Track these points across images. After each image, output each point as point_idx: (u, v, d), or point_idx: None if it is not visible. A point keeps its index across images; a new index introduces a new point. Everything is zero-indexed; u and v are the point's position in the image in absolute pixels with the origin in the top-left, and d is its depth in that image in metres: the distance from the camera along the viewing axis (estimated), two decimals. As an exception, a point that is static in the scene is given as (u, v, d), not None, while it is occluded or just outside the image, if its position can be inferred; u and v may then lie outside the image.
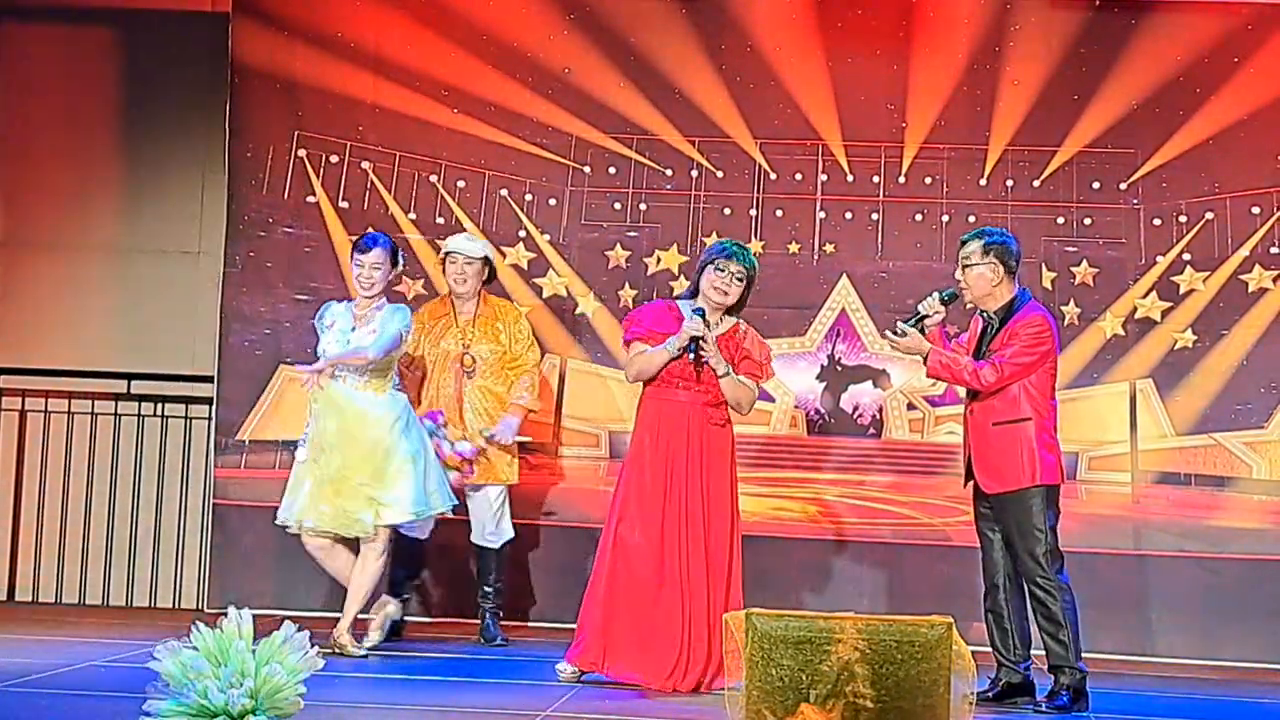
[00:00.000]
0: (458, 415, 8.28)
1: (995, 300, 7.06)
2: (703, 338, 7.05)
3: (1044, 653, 6.94)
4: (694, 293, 7.28)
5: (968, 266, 7.09)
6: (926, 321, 7.07)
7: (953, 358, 7.01)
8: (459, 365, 8.31)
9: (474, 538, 8.46)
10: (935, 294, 7.12)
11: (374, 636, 7.83)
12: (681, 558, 6.99)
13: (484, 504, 8.37)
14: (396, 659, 7.68)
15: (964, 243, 7.17)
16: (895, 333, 7.09)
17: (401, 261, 7.99)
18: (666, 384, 7.14)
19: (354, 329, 7.69)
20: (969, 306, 7.21)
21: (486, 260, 8.42)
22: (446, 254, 8.47)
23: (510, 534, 8.43)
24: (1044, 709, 6.83)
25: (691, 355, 7.07)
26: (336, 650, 7.50)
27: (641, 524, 7.01)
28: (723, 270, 7.16)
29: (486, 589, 8.43)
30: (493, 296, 8.55)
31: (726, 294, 7.17)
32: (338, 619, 7.74)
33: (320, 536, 7.73)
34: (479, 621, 8.43)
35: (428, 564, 9.21)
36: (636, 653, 6.94)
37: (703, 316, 7.11)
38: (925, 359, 7.02)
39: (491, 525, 8.38)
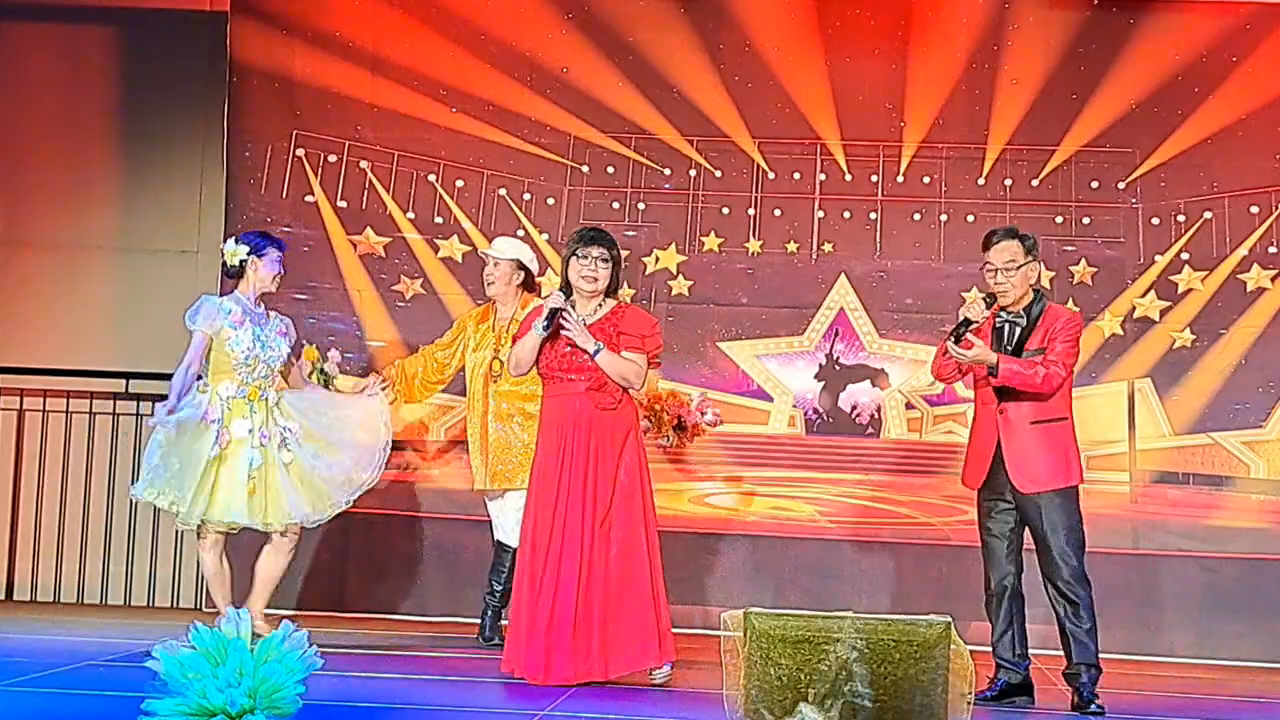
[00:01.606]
0: (482, 420, 8.25)
1: (1024, 298, 7.02)
2: (562, 310, 6.99)
3: (1064, 652, 6.94)
4: (567, 290, 7.17)
5: (1018, 266, 6.95)
6: (971, 327, 6.95)
7: (1022, 363, 6.88)
8: (487, 370, 8.28)
9: (498, 535, 8.42)
10: (978, 298, 6.97)
11: None
12: (573, 544, 6.94)
13: (510, 506, 8.32)
14: (394, 658, 7.68)
15: (995, 242, 7.00)
16: (956, 344, 6.87)
17: None
18: (554, 380, 7.09)
19: (261, 327, 7.76)
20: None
21: (519, 264, 8.36)
22: (483, 255, 8.51)
23: None
24: (1095, 709, 6.80)
25: (545, 330, 7.01)
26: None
27: (546, 520, 6.99)
28: (585, 257, 7.10)
29: (496, 586, 8.37)
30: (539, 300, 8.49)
31: (595, 279, 7.10)
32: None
33: (223, 534, 7.75)
34: (480, 620, 8.40)
35: (429, 565, 9.24)
36: (558, 650, 6.94)
37: (567, 296, 7.07)
38: (995, 369, 6.86)
39: (512, 524, 8.33)
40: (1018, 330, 6.97)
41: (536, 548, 6.99)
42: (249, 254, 7.77)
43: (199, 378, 7.70)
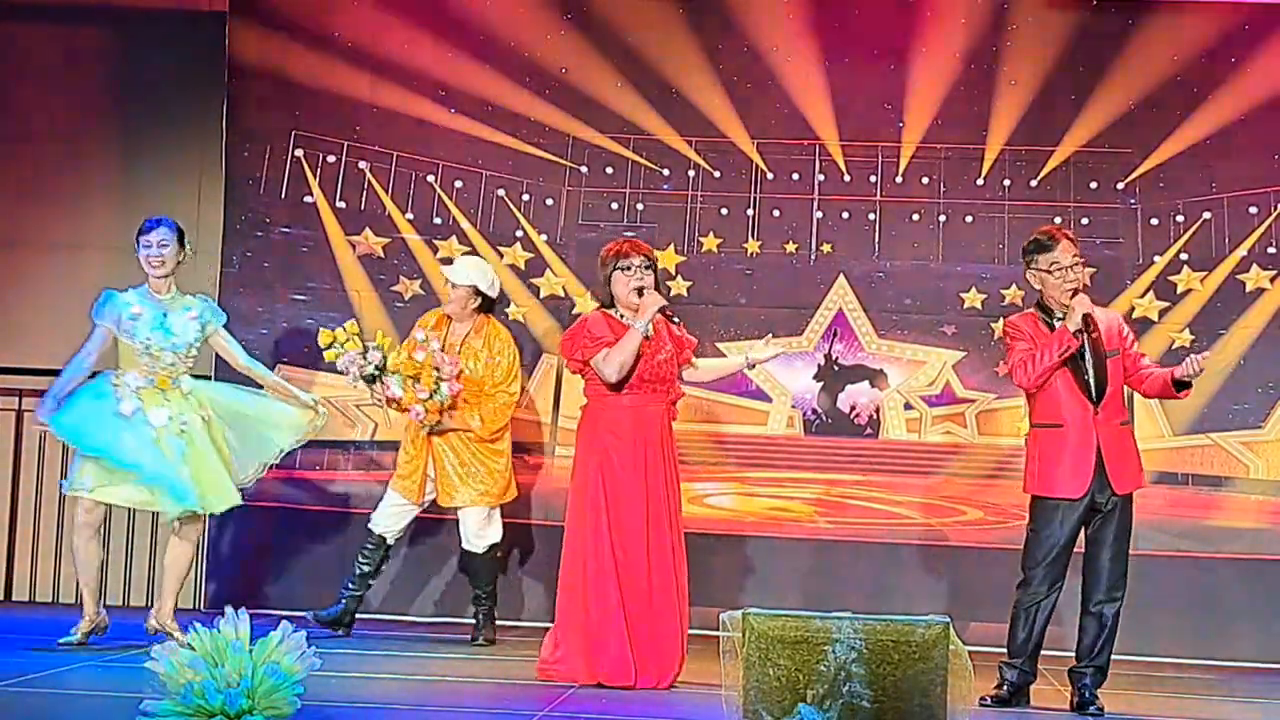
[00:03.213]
0: (417, 431, 8.29)
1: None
2: (667, 307, 7.13)
3: (1076, 650, 7.01)
4: (610, 303, 7.20)
5: (1082, 264, 7.01)
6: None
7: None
8: None
9: (465, 545, 8.49)
10: (1082, 295, 6.94)
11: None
12: (663, 554, 7.03)
13: (467, 518, 8.39)
14: (393, 658, 7.68)
15: (1060, 241, 7.00)
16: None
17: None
18: (640, 388, 7.10)
19: (166, 314, 7.68)
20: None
21: (476, 290, 8.36)
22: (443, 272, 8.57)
23: (495, 538, 8.42)
24: (1095, 710, 6.85)
25: (675, 323, 7.19)
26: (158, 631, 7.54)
27: (638, 530, 7.01)
28: (628, 269, 7.12)
29: (478, 592, 8.47)
30: (496, 327, 8.45)
31: (644, 286, 7.13)
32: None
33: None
34: (474, 621, 8.47)
35: (429, 565, 9.24)
36: (637, 659, 6.98)
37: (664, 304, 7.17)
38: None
39: (474, 531, 8.38)
40: (1086, 332, 6.98)
41: (630, 557, 7.00)
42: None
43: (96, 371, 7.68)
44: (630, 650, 6.96)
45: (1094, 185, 9.29)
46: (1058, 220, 9.18)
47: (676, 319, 7.24)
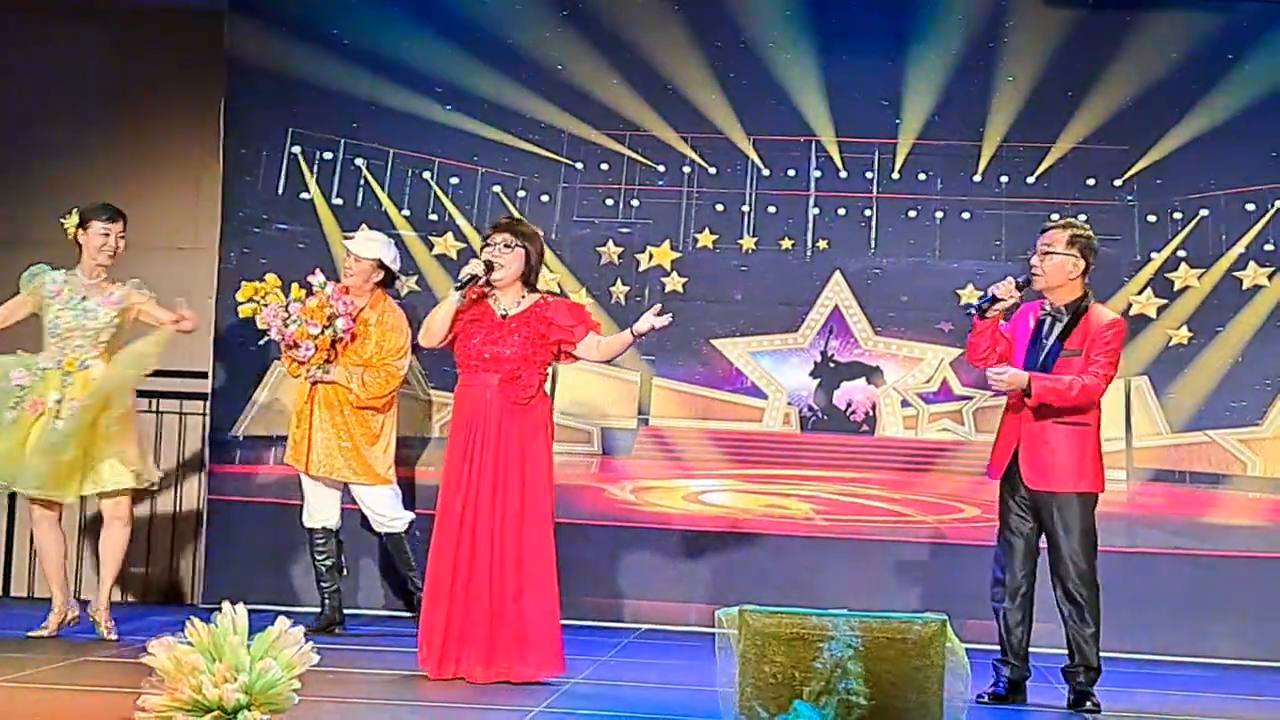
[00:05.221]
0: (310, 401, 8.28)
1: (1067, 294, 6.98)
2: (477, 275, 6.94)
3: (1067, 650, 6.99)
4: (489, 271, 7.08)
5: (1049, 254, 6.95)
6: (997, 305, 6.94)
7: (1056, 379, 6.85)
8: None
9: (376, 528, 8.45)
10: (1010, 278, 6.94)
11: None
12: (484, 542, 6.85)
13: (369, 498, 8.37)
14: (388, 655, 7.67)
15: (1044, 228, 7.03)
16: (982, 318, 6.92)
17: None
18: (467, 369, 7.01)
19: (84, 299, 7.69)
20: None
21: (380, 264, 8.35)
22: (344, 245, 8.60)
23: (411, 515, 8.40)
24: (1091, 707, 6.84)
25: (458, 297, 6.94)
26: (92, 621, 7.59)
27: (454, 516, 6.90)
28: (491, 243, 7.05)
29: (414, 576, 8.38)
30: (391, 305, 8.43)
31: (504, 266, 7.01)
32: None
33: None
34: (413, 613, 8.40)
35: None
36: (459, 649, 6.92)
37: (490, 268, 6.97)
38: (1028, 389, 6.83)
39: (388, 511, 8.33)
40: (1058, 327, 6.96)
41: (445, 545, 6.91)
42: (78, 225, 7.77)
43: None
44: (438, 639, 6.90)
45: (1091, 182, 9.29)
46: (1054, 217, 9.17)
47: (489, 285, 7.01)
